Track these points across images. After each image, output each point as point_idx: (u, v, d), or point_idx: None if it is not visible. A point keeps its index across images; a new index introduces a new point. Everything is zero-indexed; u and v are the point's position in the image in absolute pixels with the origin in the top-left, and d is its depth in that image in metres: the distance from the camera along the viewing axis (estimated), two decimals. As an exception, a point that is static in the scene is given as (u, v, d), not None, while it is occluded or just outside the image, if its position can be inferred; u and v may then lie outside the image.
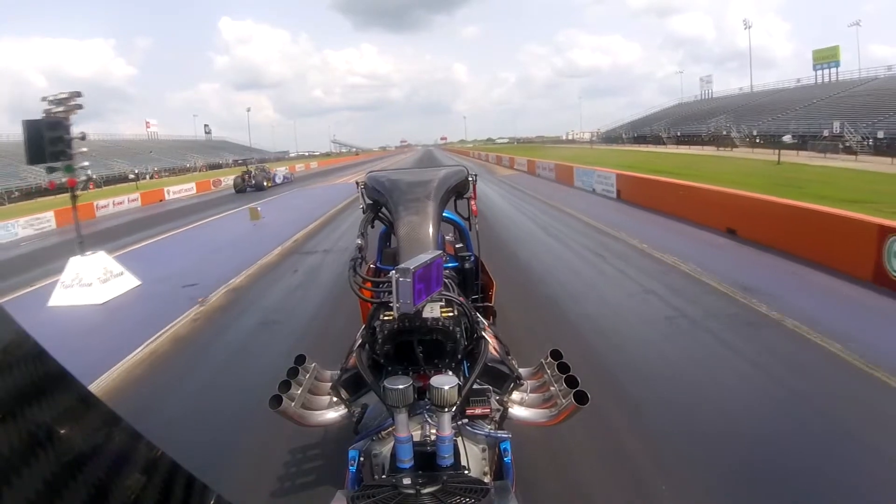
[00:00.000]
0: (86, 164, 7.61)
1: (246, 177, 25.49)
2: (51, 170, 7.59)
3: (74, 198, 7.91)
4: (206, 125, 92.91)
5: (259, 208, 14.46)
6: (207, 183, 30.70)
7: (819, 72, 49.80)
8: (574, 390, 1.55)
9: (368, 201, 2.23)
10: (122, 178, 46.46)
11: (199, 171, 57.25)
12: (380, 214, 2.27)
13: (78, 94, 7.45)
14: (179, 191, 27.83)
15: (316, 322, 5.51)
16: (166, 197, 26.23)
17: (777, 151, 27.85)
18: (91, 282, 7.29)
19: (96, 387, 4.32)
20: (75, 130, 7.44)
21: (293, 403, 1.64)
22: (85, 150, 7.57)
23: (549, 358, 1.78)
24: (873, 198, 11.59)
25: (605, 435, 3.10)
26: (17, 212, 20.57)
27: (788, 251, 7.26)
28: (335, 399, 1.70)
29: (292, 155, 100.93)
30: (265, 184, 25.50)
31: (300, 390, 1.73)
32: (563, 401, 1.58)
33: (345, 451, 1.53)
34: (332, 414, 1.71)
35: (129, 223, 16.87)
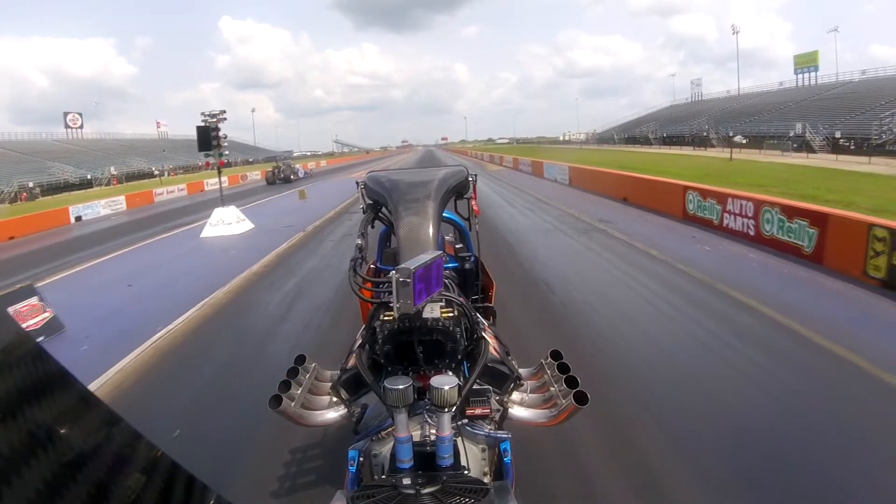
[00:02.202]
0: (227, 152, 13.05)
1: (276, 171, 30.72)
2: (207, 154, 12.97)
3: (220, 171, 13.16)
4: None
5: (306, 190, 18.98)
6: (237, 177, 36.74)
7: (800, 75, 52.97)
8: (574, 391, 1.54)
9: (368, 201, 2.22)
10: (141, 175, 49.71)
11: (212, 168, 59.43)
12: (380, 214, 2.27)
13: (223, 111, 12.57)
14: (215, 183, 32.46)
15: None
16: (206, 188, 30.38)
17: (730, 150, 32.45)
18: (231, 222, 12.19)
19: (272, 254, 8.97)
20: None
21: (293, 403, 1.64)
22: (226, 143, 12.79)
23: (549, 358, 1.78)
24: (773, 183, 15.30)
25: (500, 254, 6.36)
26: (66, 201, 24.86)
27: (651, 207, 11.53)
28: (335, 399, 1.70)
29: (296, 154, 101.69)
30: (292, 177, 30.57)
31: (300, 390, 1.72)
32: (563, 401, 1.58)
33: (345, 451, 1.53)
34: (332, 414, 1.70)
35: (195, 204, 20.87)
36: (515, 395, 1.69)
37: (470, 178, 2.35)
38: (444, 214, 2.20)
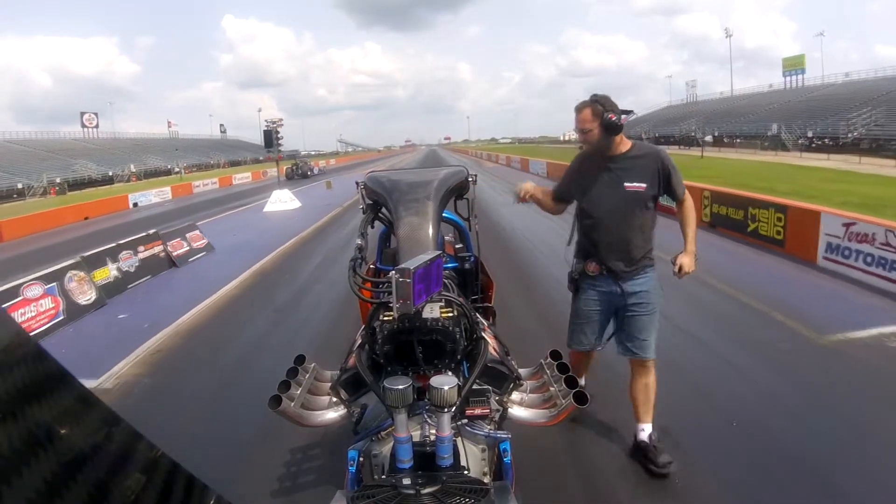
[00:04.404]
0: (283, 148, 18.56)
1: (294, 168, 34.51)
2: (269, 150, 18.34)
3: (277, 162, 18.84)
4: (221, 125, 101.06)
5: (331, 181, 22.67)
6: (259, 173, 40.54)
7: (788, 78, 56.64)
8: (573, 391, 1.54)
9: (368, 201, 2.22)
10: (157, 172, 53.72)
11: (223, 167, 64.34)
12: (380, 215, 2.26)
13: (281, 119, 18.38)
14: (241, 179, 37.50)
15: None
16: (234, 182, 35.60)
17: (701, 149, 36.15)
18: (286, 201, 15.94)
19: (327, 217, 13.36)
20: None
21: (293, 403, 1.64)
22: (282, 142, 18.42)
23: (549, 358, 1.77)
24: (723, 175, 18.15)
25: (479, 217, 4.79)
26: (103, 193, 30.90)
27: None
28: (335, 399, 1.70)
29: (302, 154, 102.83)
30: (308, 173, 34.43)
31: (300, 390, 1.72)
32: (563, 401, 1.57)
33: (345, 451, 1.53)
34: (332, 414, 1.70)
35: (232, 194, 24.98)
36: (515, 395, 1.69)
37: (470, 178, 2.34)
38: (443, 214, 2.19)
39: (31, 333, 5.36)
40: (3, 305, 5.08)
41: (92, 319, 5.95)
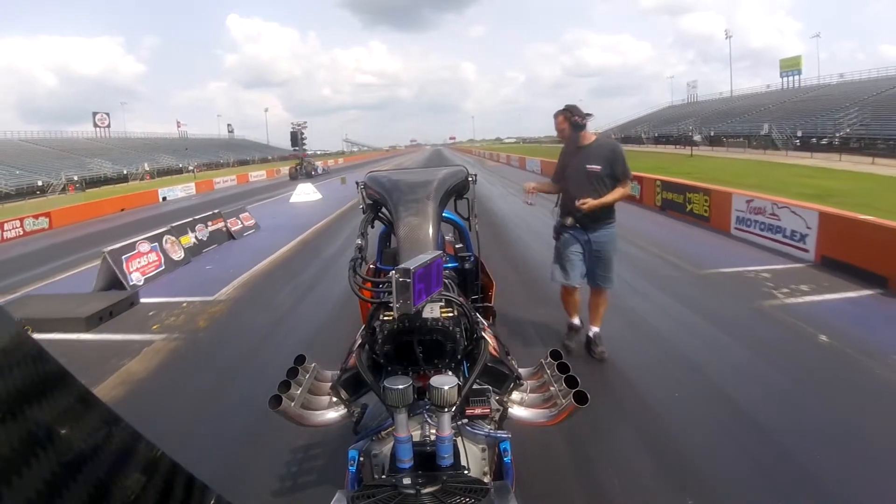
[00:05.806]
0: (307, 148, 34.84)
1: (299, 167, 35.01)
2: (295, 149, 34.62)
3: (302, 161, 32.56)
4: (228, 125, 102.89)
5: (345, 177, 25.04)
6: (273, 171, 42.76)
7: (785, 78, 58.81)
8: (574, 390, 1.54)
9: (368, 201, 2.21)
10: (169, 171, 55.55)
11: (232, 165, 66.60)
12: (380, 214, 2.26)
13: (305, 122, 35.11)
14: (257, 176, 39.25)
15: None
16: (250, 179, 37.34)
17: (691, 148, 38.41)
18: (309, 193, 18.25)
19: (347, 206, 14.90)
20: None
21: (293, 403, 1.64)
22: (307, 142, 35.83)
23: (549, 358, 1.77)
24: (702, 172, 19.50)
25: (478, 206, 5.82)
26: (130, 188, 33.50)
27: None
28: (335, 399, 1.70)
29: (309, 154, 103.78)
30: (313, 173, 34.54)
31: (300, 390, 1.72)
32: (563, 401, 1.57)
33: (345, 451, 1.53)
34: (332, 414, 1.70)
35: (252, 190, 27.64)
36: (515, 395, 1.69)
37: (470, 178, 2.33)
38: (444, 214, 2.19)
39: (146, 276, 7.36)
40: (126, 255, 7.06)
41: (186, 270, 8.09)
